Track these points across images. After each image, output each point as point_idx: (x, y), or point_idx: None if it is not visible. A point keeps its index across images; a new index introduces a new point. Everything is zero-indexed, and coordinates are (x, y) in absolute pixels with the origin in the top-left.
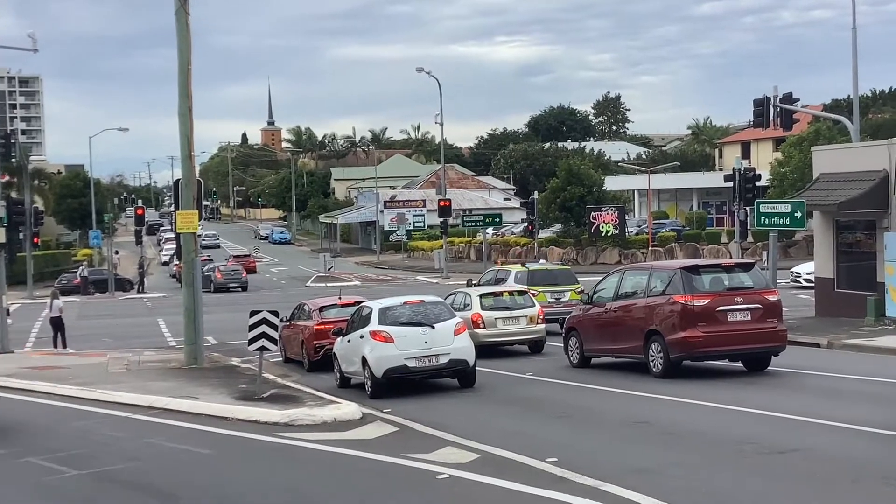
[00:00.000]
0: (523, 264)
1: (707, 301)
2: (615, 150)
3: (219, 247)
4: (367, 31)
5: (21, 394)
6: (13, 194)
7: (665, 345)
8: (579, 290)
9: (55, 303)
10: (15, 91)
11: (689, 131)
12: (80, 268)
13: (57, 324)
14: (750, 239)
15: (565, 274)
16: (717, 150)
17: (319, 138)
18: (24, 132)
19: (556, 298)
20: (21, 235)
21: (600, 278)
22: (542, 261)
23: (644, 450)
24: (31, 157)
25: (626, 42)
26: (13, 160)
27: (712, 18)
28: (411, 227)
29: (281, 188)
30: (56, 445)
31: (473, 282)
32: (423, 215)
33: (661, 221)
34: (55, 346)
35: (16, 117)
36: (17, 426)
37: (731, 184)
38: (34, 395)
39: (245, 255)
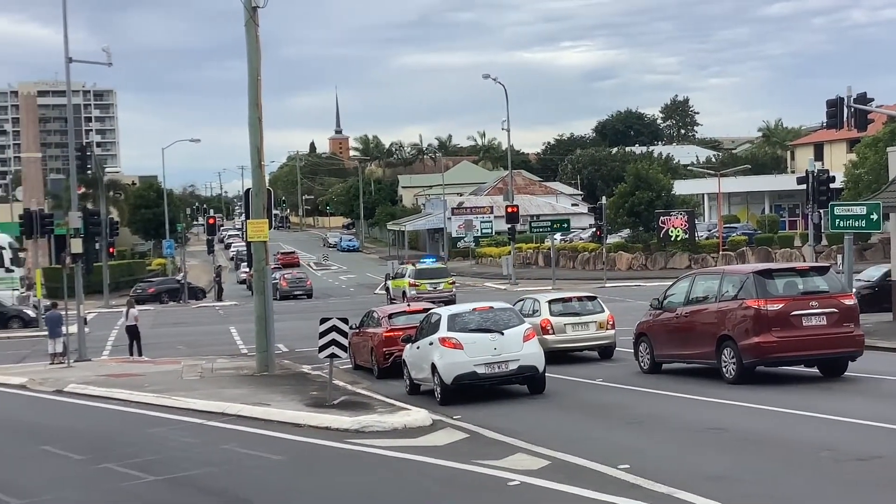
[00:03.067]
0: (414, 264)
1: (781, 305)
2: (684, 154)
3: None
4: (431, 40)
5: (99, 401)
6: (89, 205)
7: (738, 350)
8: (451, 281)
9: (131, 311)
10: (90, 104)
11: (760, 133)
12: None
13: (133, 332)
14: (824, 242)
15: (441, 271)
16: (788, 153)
17: (386, 146)
18: (99, 144)
19: (434, 287)
20: (97, 246)
21: (670, 283)
22: (427, 261)
23: (718, 457)
24: (107, 169)
25: (693, 45)
26: (89, 172)
27: (781, 20)
28: (479, 234)
29: (349, 196)
30: (133, 452)
31: (390, 274)
32: (491, 221)
33: (732, 225)
34: (131, 354)
35: (91, 130)
36: (96, 433)
37: (804, 186)
38: (111, 402)
39: (290, 252)
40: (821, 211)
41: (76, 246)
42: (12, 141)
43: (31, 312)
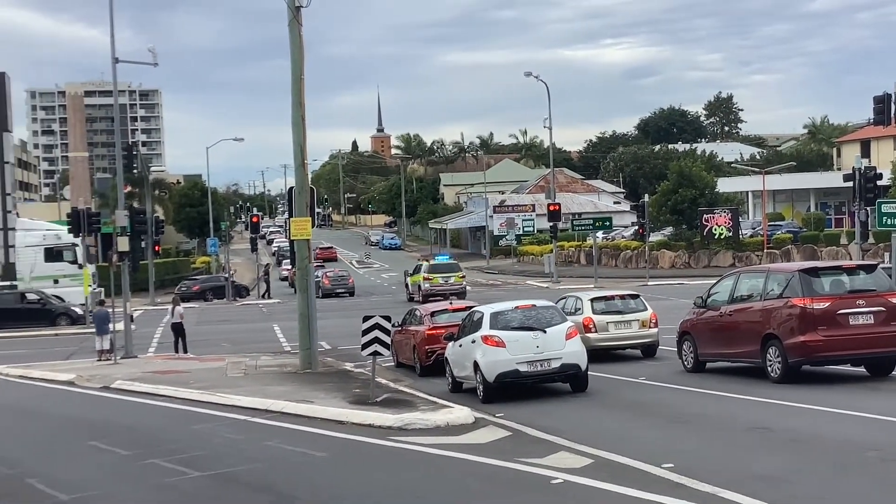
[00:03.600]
0: (428, 261)
1: (827, 304)
2: (728, 151)
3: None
4: (472, 38)
5: (145, 397)
6: (135, 204)
7: (783, 349)
8: (461, 276)
9: (176, 309)
10: (136, 104)
11: (805, 130)
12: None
13: (178, 329)
14: (871, 240)
15: (453, 266)
16: (834, 150)
17: (428, 144)
18: (144, 144)
19: (445, 280)
20: (143, 244)
21: (714, 281)
22: (441, 258)
23: (764, 456)
24: (152, 168)
25: (736, 41)
26: (135, 171)
27: (825, 15)
28: (521, 232)
29: (391, 194)
30: (178, 447)
31: (408, 272)
32: (533, 220)
33: (777, 223)
34: (176, 351)
35: (137, 130)
36: (142, 428)
37: (850, 183)
38: (157, 399)
39: (328, 247)
40: (868, 208)
41: (123, 244)
42: (60, 141)
43: (78, 309)
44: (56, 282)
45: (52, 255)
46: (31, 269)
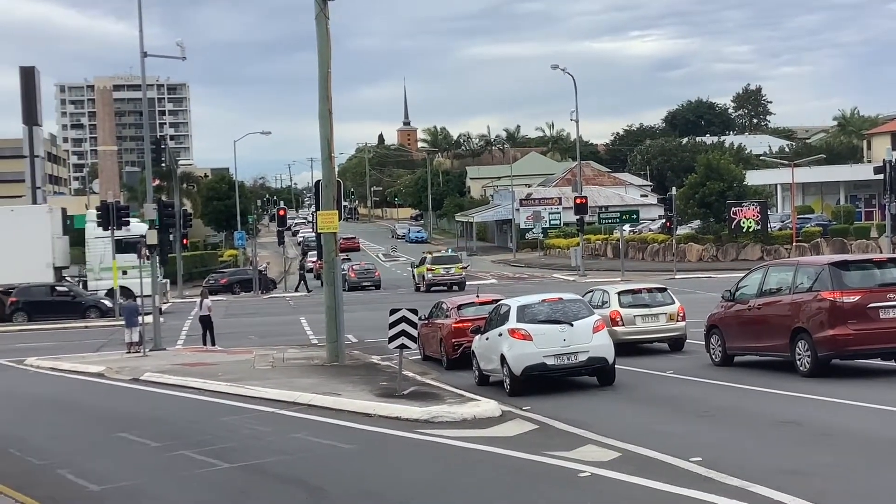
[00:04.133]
0: (431, 253)
1: (857, 298)
2: (756, 144)
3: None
4: (498, 30)
5: (173, 389)
6: (163, 198)
7: (812, 343)
8: (462, 266)
9: (204, 302)
10: (164, 98)
11: (835, 122)
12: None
13: (206, 322)
14: None
15: (454, 258)
16: (865, 142)
17: (454, 138)
18: (172, 137)
19: (447, 270)
20: (171, 237)
21: (742, 275)
22: (443, 250)
23: (793, 450)
24: (180, 162)
25: (765, 33)
26: (163, 165)
27: (856, 6)
28: (547, 225)
29: (417, 187)
30: (207, 439)
31: (415, 263)
32: (559, 213)
33: (806, 216)
34: (204, 344)
35: (165, 123)
36: (171, 420)
37: (881, 176)
38: (186, 391)
39: (350, 238)
40: None
41: (151, 237)
42: (89, 134)
43: (108, 302)
44: (124, 273)
45: (121, 246)
46: (101, 259)
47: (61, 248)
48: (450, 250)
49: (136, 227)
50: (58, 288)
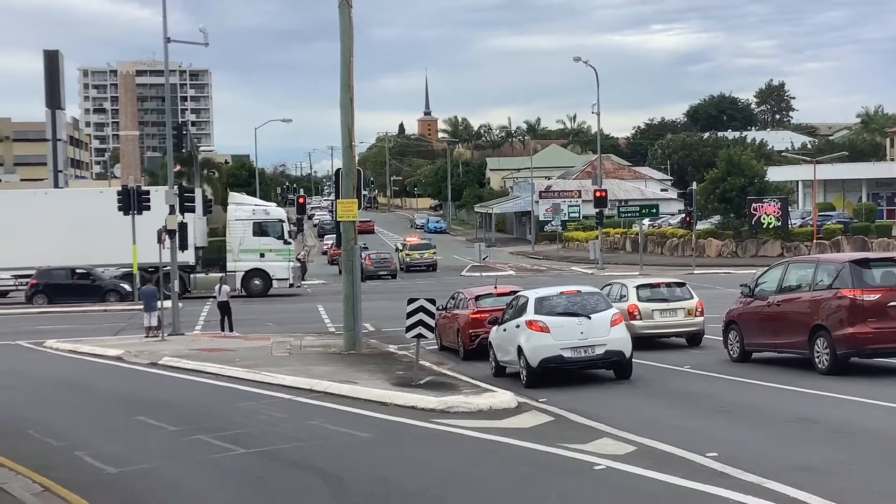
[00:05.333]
0: (407, 242)
1: (878, 296)
2: (778, 140)
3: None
4: (520, 22)
5: (191, 374)
6: (184, 183)
7: (831, 340)
8: (432, 252)
9: (223, 288)
10: (186, 84)
11: (858, 120)
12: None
13: (224, 308)
14: None
15: (427, 245)
16: (888, 140)
17: (475, 129)
18: (194, 124)
19: (421, 255)
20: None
21: (761, 271)
22: (416, 238)
23: (810, 447)
24: (201, 148)
25: (787, 28)
26: (184, 151)
27: (879, 2)
28: (566, 218)
29: (437, 178)
30: (224, 424)
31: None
32: (579, 206)
33: (827, 213)
34: (222, 330)
35: (187, 109)
36: (188, 405)
37: None
38: (203, 376)
39: (365, 220)
40: None
41: (171, 222)
42: (111, 119)
43: (126, 286)
44: (262, 256)
45: (260, 229)
46: (240, 242)
47: (201, 229)
48: (420, 238)
49: (275, 211)
50: (78, 271)
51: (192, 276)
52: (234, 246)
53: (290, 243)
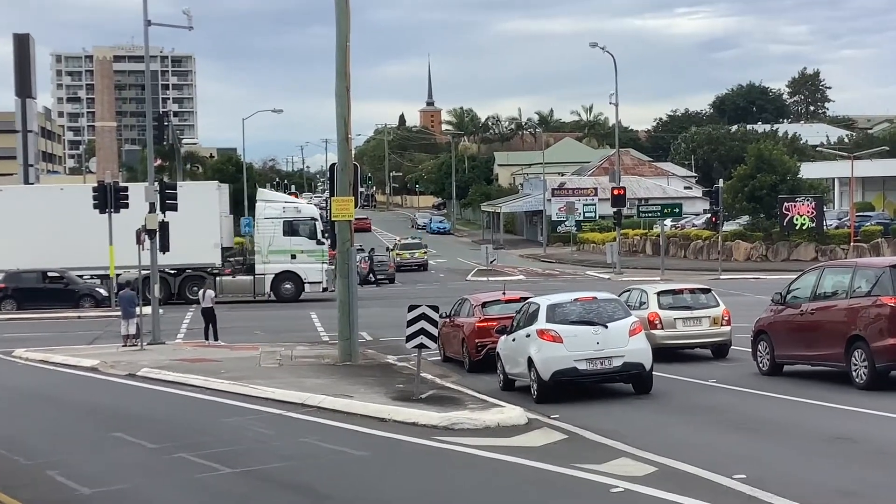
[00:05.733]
0: (399, 242)
1: None
2: (813, 134)
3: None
4: (532, 4)
5: (172, 387)
6: (166, 179)
7: (870, 352)
8: (423, 252)
9: (207, 293)
10: (168, 71)
11: None
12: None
13: (209, 315)
14: None
15: (418, 244)
16: None
17: (482, 120)
18: (176, 114)
19: (412, 255)
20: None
21: (794, 276)
22: (409, 238)
23: (847, 469)
24: (184, 141)
25: (824, 12)
26: (165, 144)
27: None
28: (581, 218)
29: (440, 174)
30: (208, 441)
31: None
32: (595, 205)
33: (866, 214)
34: (206, 338)
35: (168, 98)
36: (169, 420)
37: None
38: (185, 389)
39: (362, 218)
40: None
41: (151, 222)
42: (86, 109)
43: (102, 291)
44: (293, 257)
45: (291, 228)
46: (269, 242)
47: (227, 228)
48: (411, 238)
49: (306, 209)
50: (49, 274)
51: (217, 279)
52: (263, 247)
53: (323, 243)
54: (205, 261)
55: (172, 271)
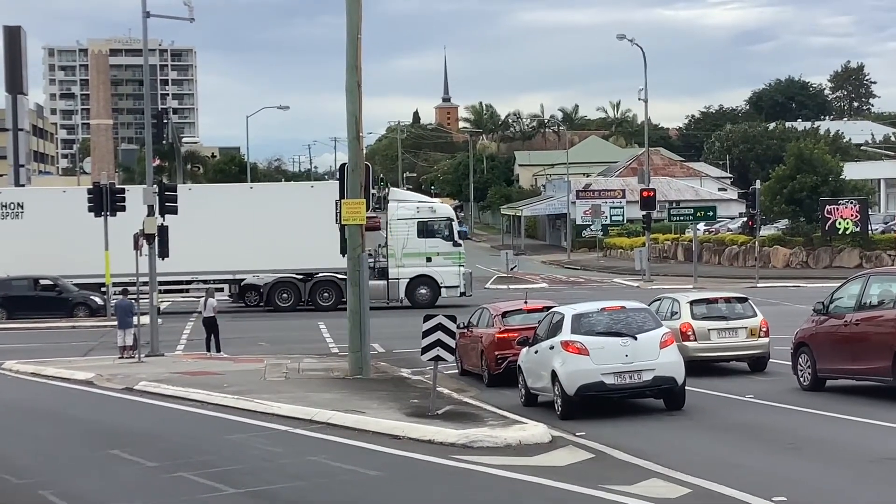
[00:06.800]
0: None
1: None
2: (857, 132)
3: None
4: None
5: (172, 401)
6: (165, 180)
7: None
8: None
9: (210, 302)
10: (167, 65)
11: None
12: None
13: (211, 325)
14: None
15: None
16: None
17: (502, 117)
18: (176, 111)
19: None
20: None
21: (837, 285)
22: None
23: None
24: (184, 139)
25: (868, 1)
26: (165, 142)
27: None
28: (608, 222)
29: (457, 174)
30: (210, 460)
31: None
32: (623, 207)
33: None
34: (208, 350)
35: (168, 94)
36: (169, 437)
37: None
38: (186, 404)
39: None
40: None
41: (150, 225)
42: (81, 105)
43: (98, 299)
44: (428, 260)
45: (426, 229)
46: (403, 245)
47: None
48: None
49: (441, 208)
50: (41, 282)
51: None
52: (397, 249)
53: (460, 245)
54: (335, 265)
55: (300, 276)
